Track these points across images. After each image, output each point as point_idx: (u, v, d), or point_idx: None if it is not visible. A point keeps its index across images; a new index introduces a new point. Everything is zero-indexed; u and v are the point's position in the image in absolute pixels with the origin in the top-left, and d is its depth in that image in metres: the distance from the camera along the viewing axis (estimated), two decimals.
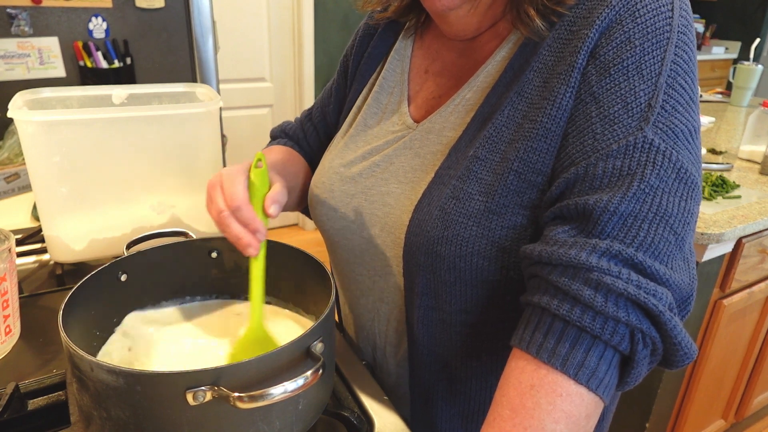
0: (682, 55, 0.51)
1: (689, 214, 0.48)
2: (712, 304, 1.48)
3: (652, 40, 0.50)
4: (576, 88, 0.52)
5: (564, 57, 0.53)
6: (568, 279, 0.46)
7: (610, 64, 0.51)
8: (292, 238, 3.37)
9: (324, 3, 3.00)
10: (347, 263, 0.72)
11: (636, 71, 0.50)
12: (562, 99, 0.52)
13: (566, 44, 0.54)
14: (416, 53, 0.72)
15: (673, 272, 0.46)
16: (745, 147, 1.80)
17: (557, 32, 0.55)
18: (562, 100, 0.52)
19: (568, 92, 0.52)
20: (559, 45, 0.54)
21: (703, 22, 4.65)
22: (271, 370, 0.48)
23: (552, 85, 0.53)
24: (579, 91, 0.52)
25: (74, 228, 0.84)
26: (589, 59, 0.52)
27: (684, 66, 0.51)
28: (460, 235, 0.55)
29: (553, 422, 0.44)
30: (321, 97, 0.85)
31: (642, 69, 0.50)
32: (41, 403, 0.60)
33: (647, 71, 0.50)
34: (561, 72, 0.53)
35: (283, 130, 0.87)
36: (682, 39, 0.51)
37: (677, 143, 0.49)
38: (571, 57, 0.53)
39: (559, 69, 0.53)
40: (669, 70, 0.50)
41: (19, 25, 1.44)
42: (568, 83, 0.52)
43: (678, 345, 0.45)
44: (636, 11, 0.51)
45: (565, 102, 0.52)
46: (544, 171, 0.53)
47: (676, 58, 0.51)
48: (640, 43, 0.50)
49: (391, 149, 0.67)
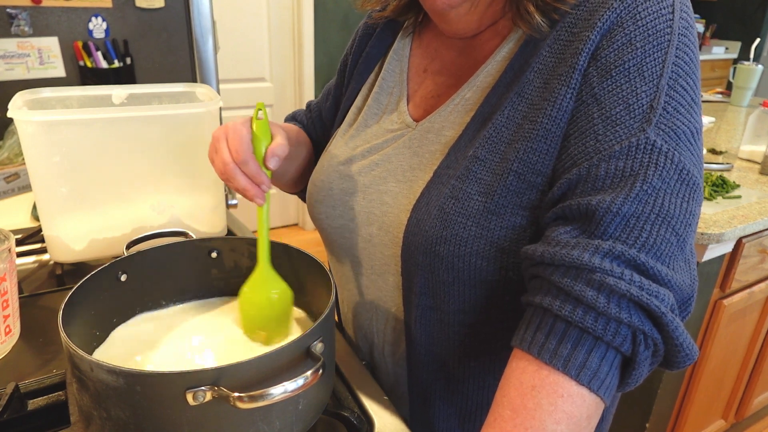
0: (683, 56, 0.51)
1: (691, 216, 0.48)
2: (712, 304, 1.48)
3: (653, 42, 0.50)
4: (577, 89, 0.52)
5: (565, 58, 0.53)
6: (570, 280, 0.46)
7: (611, 66, 0.51)
8: (292, 238, 3.37)
9: (324, 3, 3.00)
10: (345, 262, 0.72)
11: (637, 73, 0.50)
12: (562, 100, 0.53)
13: (567, 45, 0.54)
14: (415, 52, 0.72)
15: (674, 273, 0.46)
16: (745, 147, 1.80)
17: (558, 33, 0.55)
18: (562, 101, 0.53)
19: (569, 93, 0.52)
20: (559, 46, 0.54)
21: (703, 22, 4.65)
22: (271, 370, 0.48)
23: (552, 86, 0.53)
24: (580, 92, 0.52)
25: (74, 228, 0.84)
26: (590, 61, 0.52)
27: (685, 67, 0.51)
28: (458, 235, 0.55)
29: (555, 423, 0.44)
30: (321, 94, 0.87)
31: (643, 70, 0.50)
32: (41, 403, 0.60)
33: (649, 73, 0.50)
34: (562, 73, 0.53)
35: (293, 117, 0.90)
36: (683, 41, 0.51)
37: (679, 144, 0.49)
38: (572, 58, 0.53)
39: (559, 70, 0.53)
40: (670, 71, 0.50)
41: (19, 25, 1.44)
42: (568, 84, 0.52)
43: (680, 346, 0.45)
44: (637, 13, 0.51)
45: (566, 103, 0.53)
46: (544, 172, 0.53)
47: (678, 60, 0.51)
48: (641, 45, 0.50)
49: (390, 148, 0.67)
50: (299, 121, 0.89)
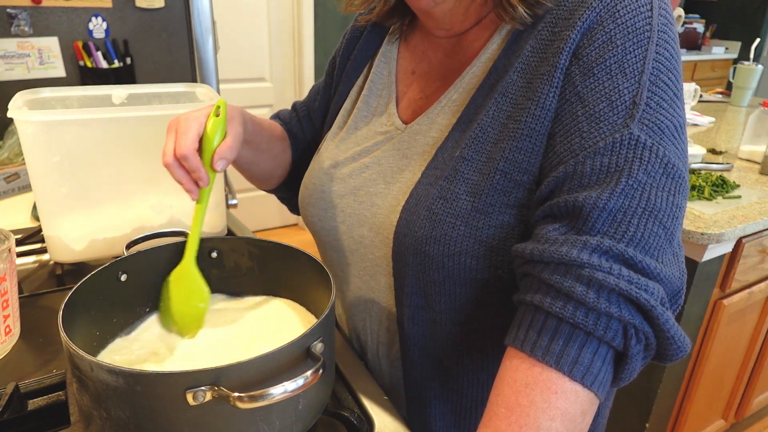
0: (663, 53, 0.52)
1: (677, 209, 0.49)
2: (712, 304, 1.48)
3: (633, 40, 0.51)
4: (559, 88, 0.53)
5: (546, 58, 0.54)
6: (560, 276, 0.46)
7: (593, 64, 0.52)
8: (292, 238, 3.37)
9: (324, 3, 3.00)
10: (338, 264, 0.72)
11: (619, 70, 0.51)
12: (545, 99, 0.53)
13: (548, 45, 0.55)
14: (402, 55, 0.72)
15: (663, 266, 0.46)
16: (745, 147, 1.80)
17: (539, 33, 0.56)
18: (545, 100, 0.53)
19: (552, 92, 0.53)
20: (541, 46, 0.55)
21: (703, 22, 4.65)
22: (271, 370, 0.48)
23: (535, 85, 0.54)
24: (563, 91, 0.53)
25: (74, 228, 0.84)
26: (571, 60, 0.53)
27: (666, 63, 0.52)
28: (448, 234, 0.56)
29: (549, 420, 0.44)
30: (309, 93, 0.87)
31: (625, 67, 0.51)
32: (41, 403, 0.61)
33: (630, 69, 0.51)
34: (544, 73, 0.54)
35: (277, 115, 0.90)
36: (663, 37, 0.52)
37: (663, 139, 0.49)
38: (554, 58, 0.53)
39: (542, 70, 0.54)
40: (651, 67, 0.51)
41: (19, 25, 1.44)
42: (551, 83, 0.53)
43: (671, 339, 0.45)
44: (616, 12, 0.52)
45: (549, 102, 0.53)
46: (530, 170, 0.54)
47: (658, 56, 0.51)
48: (622, 42, 0.51)
49: (379, 150, 0.67)
50: (281, 118, 0.88)
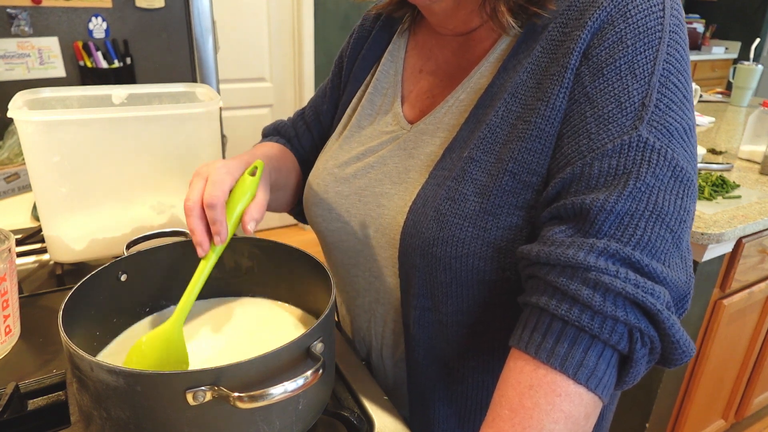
0: (674, 54, 0.51)
1: (685, 212, 0.48)
2: (712, 304, 1.48)
3: (644, 40, 0.51)
4: (569, 88, 0.53)
5: (557, 58, 0.54)
6: (566, 279, 0.46)
7: (603, 65, 0.51)
8: (292, 238, 3.37)
9: (324, 3, 3.00)
10: (343, 264, 0.72)
11: (629, 71, 0.51)
12: (555, 100, 0.53)
13: (559, 45, 0.54)
14: (410, 53, 0.72)
15: (670, 270, 0.46)
16: (745, 147, 1.80)
17: (550, 33, 0.55)
18: (555, 100, 0.53)
19: (561, 93, 0.53)
20: (551, 46, 0.55)
21: (703, 22, 4.65)
22: (271, 370, 0.48)
23: (545, 86, 0.54)
24: (573, 91, 0.53)
25: (74, 228, 0.84)
26: (581, 60, 0.53)
27: (677, 65, 0.51)
28: (455, 236, 0.55)
29: (552, 422, 0.44)
30: (314, 97, 0.85)
31: (635, 68, 0.50)
32: (41, 403, 0.60)
33: (640, 71, 0.50)
34: (554, 73, 0.53)
35: (275, 129, 0.87)
36: (674, 38, 0.52)
37: (672, 141, 0.49)
38: (564, 58, 0.53)
39: (552, 70, 0.54)
40: (662, 69, 0.50)
41: (19, 25, 1.44)
42: (561, 84, 0.53)
43: (676, 343, 0.45)
44: (627, 12, 0.51)
45: (559, 103, 0.53)
46: (539, 171, 0.54)
47: (669, 57, 0.51)
48: (632, 43, 0.51)
49: (385, 150, 0.67)
50: (283, 134, 0.85)
